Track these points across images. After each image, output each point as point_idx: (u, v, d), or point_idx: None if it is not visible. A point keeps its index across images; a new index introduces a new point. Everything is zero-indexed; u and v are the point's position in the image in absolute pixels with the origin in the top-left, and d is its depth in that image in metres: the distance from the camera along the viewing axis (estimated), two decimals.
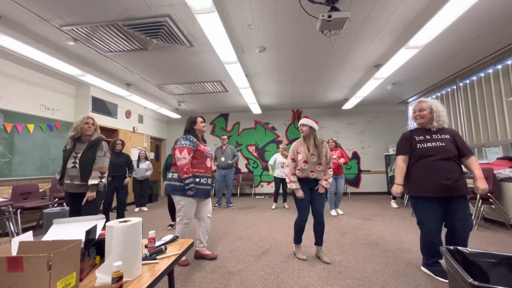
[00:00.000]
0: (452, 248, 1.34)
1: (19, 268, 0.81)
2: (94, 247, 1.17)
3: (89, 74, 4.19)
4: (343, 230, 3.46)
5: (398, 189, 2.12)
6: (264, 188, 7.67)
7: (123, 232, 1.04)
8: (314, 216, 2.48)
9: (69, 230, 1.30)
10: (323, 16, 2.34)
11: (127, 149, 6.20)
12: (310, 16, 2.74)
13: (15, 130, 3.93)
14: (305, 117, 2.55)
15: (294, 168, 2.47)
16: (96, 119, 2.66)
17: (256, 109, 6.93)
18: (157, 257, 1.27)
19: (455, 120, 5.27)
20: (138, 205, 5.57)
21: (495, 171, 3.56)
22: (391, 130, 7.25)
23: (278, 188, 5.35)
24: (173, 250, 1.38)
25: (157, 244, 1.41)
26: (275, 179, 5.34)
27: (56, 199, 4.08)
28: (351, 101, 6.24)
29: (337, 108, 7.38)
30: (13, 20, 2.86)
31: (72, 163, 2.45)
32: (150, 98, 6.16)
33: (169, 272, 1.39)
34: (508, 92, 4.05)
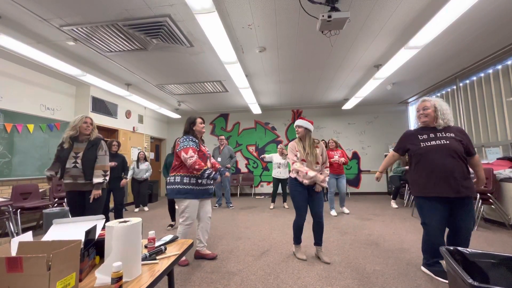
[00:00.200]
0: (452, 249, 1.34)
1: (19, 269, 0.81)
2: (94, 248, 1.18)
3: (89, 74, 4.18)
4: (343, 230, 3.46)
5: (377, 174, 2.45)
6: (264, 188, 7.67)
7: (123, 233, 1.05)
8: (313, 217, 2.48)
9: (69, 231, 1.30)
10: (323, 16, 2.34)
11: (127, 149, 6.21)
12: (310, 16, 2.74)
13: (15, 130, 3.93)
14: (301, 118, 2.52)
15: (299, 159, 2.43)
16: (96, 119, 2.71)
17: (256, 109, 6.93)
18: (157, 258, 1.27)
19: (455, 120, 5.26)
20: (138, 205, 5.57)
21: (495, 171, 3.55)
22: (391, 130, 7.26)
23: (276, 188, 5.35)
24: (173, 250, 1.38)
25: (157, 245, 1.42)
26: (273, 179, 5.34)
27: (56, 199, 4.09)
28: (351, 101, 6.24)
29: (337, 108, 7.38)
30: (13, 20, 2.86)
31: (73, 163, 2.46)
32: (150, 98, 6.16)
33: (169, 272, 1.39)
34: (508, 92, 4.05)
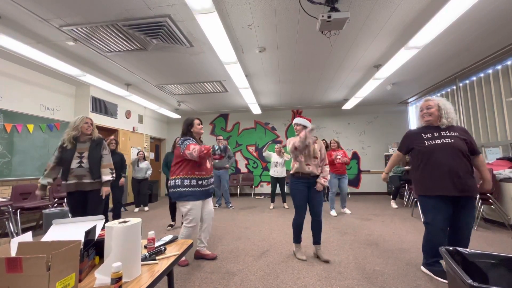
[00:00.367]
0: (452, 249, 1.33)
1: (18, 269, 0.81)
2: (94, 248, 1.17)
3: (89, 74, 4.18)
4: (343, 230, 3.47)
5: (383, 175, 2.47)
6: (264, 188, 7.67)
7: (123, 233, 1.05)
8: (312, 215, 2.49)
9: (69, 231, 1.30)
10: (323, 17, 2.34)
11: (127, 149, 6.20)
12: (310, 17, 2.74)
13: (15, 130, 3.93)
14: (299, 117, 2.56)
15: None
16: (96, 119, 2.77)
17: (256, 109, 6.93)
18: (157, 258, 1.27)
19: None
20: (138, 205, 5.57)
21: (495, 172, 3.55)
22: (391, 130, 7.26)
23: (274, 188, 5.35)
24: (173, 251, 1.38)
25: (157, 245, 1.42)
26: (271, 179, 5.34)
27: (56, 200, 4.09)
28: (351, 101, 6.24)
29: (337, 108, 7.38)
30: (13, 20, 2.86)
31: (78, 163, 2.52)
32: (150, 98, 6.16)
33: (169, 273, 1.39)
34: (508, 93, 4.05)
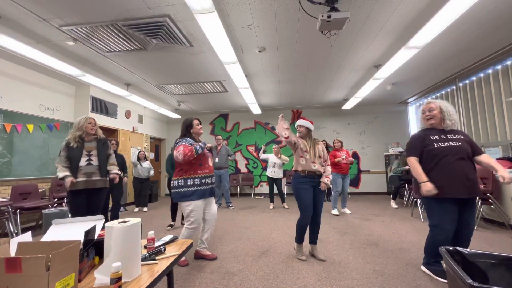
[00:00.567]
0: (452, 249, 1.34)
1: (18, 269, 0.80)
2: (93, 248, 1.17)
3: (89, 74, 4.18)
4: (343, 230, 3.46)
5: (428, 186, 1.93)
6: (264, 188, 7.66)
7: (122, 233, 1.04)
8: (314, 216, 2.48)
9: (68, 231, 1.30)
10: (323, 16, 2.34)
11: (127, 149, 6.20)
12: (310, 16, 2.74)
13: (15, 130, 3.93)
14: (302, 118, 2.65)
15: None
16: (96, 119, 2.88)
17: (256, 109, 6.93)
18: (156, 258, 1.27)
19: None
20: (138, 205, 5.57)
21: (495, 172, 3.55)
22: (391, 130, 7.26)
23: (272, 188, 5.36)
24: (173, 251, 1.38)
25: (157, 245, 1.41)
26: (268, 179, 5.34)
27: (56, 199, 4.09)
28: (351, 101, 6.24)
29: (337, 108, 7.38)
30: (13, 20, 2.85)
31: (87, 161, 2.61)
32: (150, 98, 6.16)
33: (169, 273, 1.38)
34: (508, 93, 4.05)
